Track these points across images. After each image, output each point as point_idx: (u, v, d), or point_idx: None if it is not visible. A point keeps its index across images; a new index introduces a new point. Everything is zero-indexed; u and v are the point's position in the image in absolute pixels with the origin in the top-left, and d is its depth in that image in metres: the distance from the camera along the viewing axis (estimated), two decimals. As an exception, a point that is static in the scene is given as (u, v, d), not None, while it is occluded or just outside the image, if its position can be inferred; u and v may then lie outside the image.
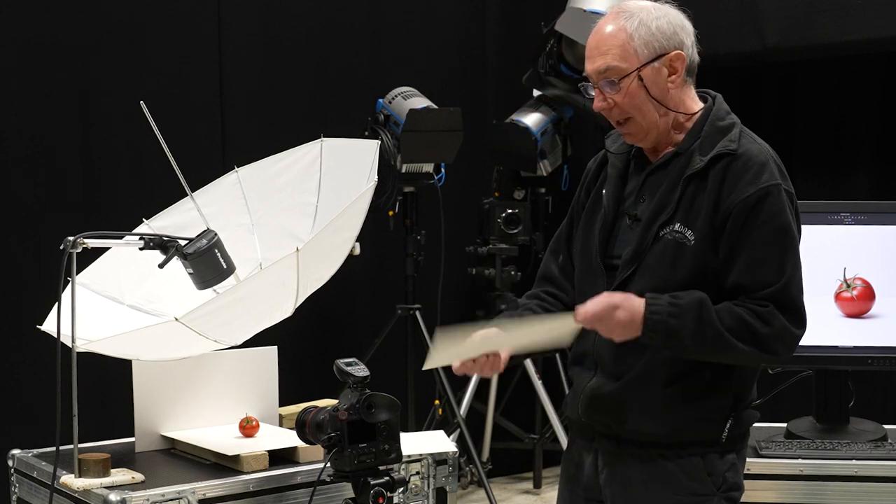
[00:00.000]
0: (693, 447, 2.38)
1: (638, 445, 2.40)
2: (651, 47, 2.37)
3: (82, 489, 2.65)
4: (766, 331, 2.31)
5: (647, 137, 2.43)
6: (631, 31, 2.36)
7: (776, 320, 2.32)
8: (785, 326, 2.32)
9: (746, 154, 2.37)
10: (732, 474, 2.42)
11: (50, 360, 2.60)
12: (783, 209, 2.35)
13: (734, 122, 2.43)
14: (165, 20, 4.57)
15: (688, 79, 2.44)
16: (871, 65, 4.92)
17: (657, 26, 2.38)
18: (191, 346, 2.89)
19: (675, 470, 2.38)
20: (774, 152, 2.43)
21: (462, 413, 4.79)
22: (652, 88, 2.37)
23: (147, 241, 2.73)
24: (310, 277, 2.89)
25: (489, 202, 5.16)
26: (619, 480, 2.43)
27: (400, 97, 4.70)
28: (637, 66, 2.36)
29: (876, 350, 3.21)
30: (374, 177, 3.04)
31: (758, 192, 2.33)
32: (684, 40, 2.42)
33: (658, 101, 2.38)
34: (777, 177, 2.36)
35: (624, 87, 2.37)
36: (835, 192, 4.89)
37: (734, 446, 2.43)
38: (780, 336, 2.33)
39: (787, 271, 2.33)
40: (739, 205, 2.32)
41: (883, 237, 3.21)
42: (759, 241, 2.33)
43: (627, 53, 2.36)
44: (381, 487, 2.59)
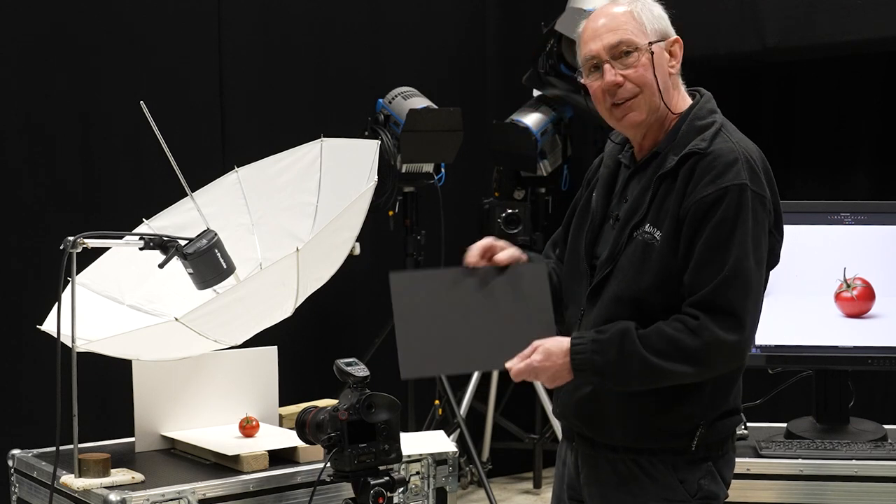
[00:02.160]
0: (664, 454, 2.37)
1: (611, 449, 2.41)
2: (655, 29, 2.39)
3: (82, 489, 2.65)
4: (695, 344, 2.26)
5: (646, 121, 2.40)
6: (639, 11, 2.39)
7: (705, 331, 2.26)
8: (715, 336, 2.25)
9: (715, 153, 2.32)
10: (708, 482, 2.38)
11: (50, 360, 2.60)
12: (742, 210, 2.28)
13: (714, 121, 2.39)
14: (165, 20, 4.57)
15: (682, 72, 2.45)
16: (871, 65, 4.92)
17: (658, 13, 2.42)
18: (191, 346, 2.89)
19: (646, 476, 2.38)
20: (755, 153, 2.37)
21: (462, 413, 4.79)
22: (658, 69, 2.38)
23: (147, 241, 2.73)
24: (310, 277, 2.89)
25: (489, 202, 5.16)
26: (596, 482, 2.45)
27: (400, 97, 4.70)
28: (649, 42, 2.37)
29: (876, 350, 3.21)
30: (374, 177, 3.04)
31: (716, 191, 2.28)
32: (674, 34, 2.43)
33: (660, 85, 2.38)
34: (743, 177, 2.29)
35: (637, 60, 2.37)
36: (835, 192, 4.89)
37: (709, 454, 2.39)
38: (711, 347, 2.26)
39: (726, 273, 2.26)
40: (696, 204, 2.29)
41: (883, 237, 3.21)
42: (708, 242, 2.28)
43: (640, 30, 2.38)
44: (381, 487, 2.59)
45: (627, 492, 2.39)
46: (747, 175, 2.30)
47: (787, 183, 5.10)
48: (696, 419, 2.36)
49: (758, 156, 2.37)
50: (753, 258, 2.28)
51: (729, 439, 2.44)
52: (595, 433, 2.43)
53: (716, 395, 2.38)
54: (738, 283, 2.27)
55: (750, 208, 2.28)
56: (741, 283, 2.27)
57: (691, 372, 2.29)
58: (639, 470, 2.38)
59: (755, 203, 2.29)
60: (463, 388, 4.99)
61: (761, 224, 2.32)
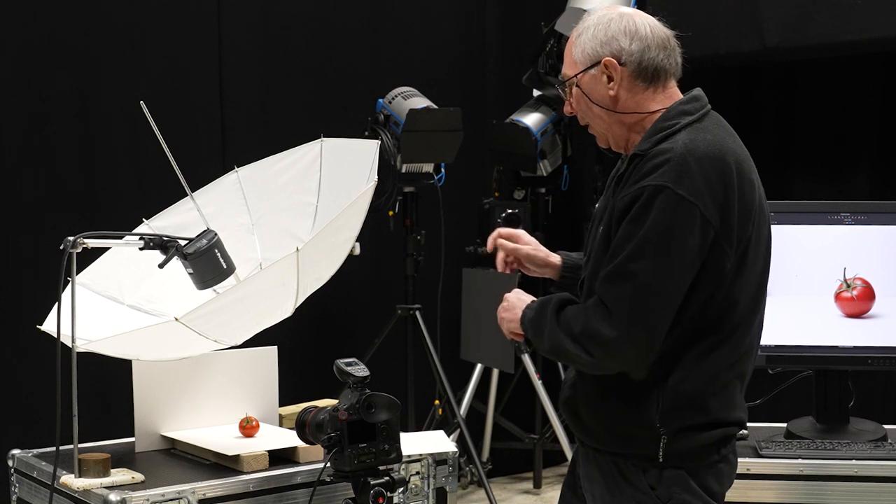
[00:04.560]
0: (635, 458, 2.38)
1: (594, 450, 2.46)
2: (586, 55, 2.39)
3: (82, 489, 2.65)
4: (578, 328, 2.29)
5: (608, 141, 2.45)
6: (575, 39, 2.42)
7: (587, 318, 2.28)
8: (591, 325, 2.27)
9: (650, 154, 2.28)
10: (680, 491, 2.34)
11: (50, 360, 2.60)
12: (648, 211, 2.23)
13: (678, 122, 2.33)
14: (165, 20, 4.57)
15: (642, 83, 2.37)
16: (871, 65, 4.92)
17: (594, 33, 2.38)
18: (191, 346, 2.89)
19: (623, 478, 2.40)
20: (712, 157, 2.27)
21: (462, 413, 4.79)
22: (592, 95, 2.39)
23: (147, 241, 2.73)
24: (310, 277, 2.89)
25: (489, 202, 5.16)
26: (588, 479, 2.50)
27: (400, 97, 4.70)
28: (575, 74, 2.40)
29: (876, 350, 3.21)
30: (374, 177, 3.04)
31: (634, 191, 2.26)
32: (624, 46, 2.35)
33: (604, 107, 2.39)
34: (669, 179, 2.22)
35: (571, 94, 2.43)
36: (835, 192, 4.89)
37: (681, 463, 2.35)
38: (587, 334, 2.28)
39: (612, 269, 2.26)
40: (618, 203, 2.29)
41: (883, 237, 3.21)
42: (616, 239, 2.28)
43: (572, 61, 2.42)
44: (381, 487, 2.59)
45: (609, 491, 2.43)
46: (672, 177, 2.23)
47: (787, 183, 5.10)
48: (656, 428, 2.33)
49: (709, 160, 2.27)
50: (650, 260, 2.23)
51: (713, 451, 2.38)
52: (577, 433, 2.49)
53: (680, 406, 2.32)
54: (621, 281, 2.25)
55: (660, 210, 2.22)
56: (623, 282, 2.25)
57: (582, 356, 2.30)
58: (617, 471, 2.41)
59: (672, 205, 2.22)
60: (463, 388, 5.00)
61: (677, 227, 2.23)
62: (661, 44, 2.38)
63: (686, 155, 2.25)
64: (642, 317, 2.25)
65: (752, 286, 2.37)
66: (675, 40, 2.41)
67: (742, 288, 2.33)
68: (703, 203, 2.23)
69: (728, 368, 2.36)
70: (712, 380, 2.34)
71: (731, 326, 2.34)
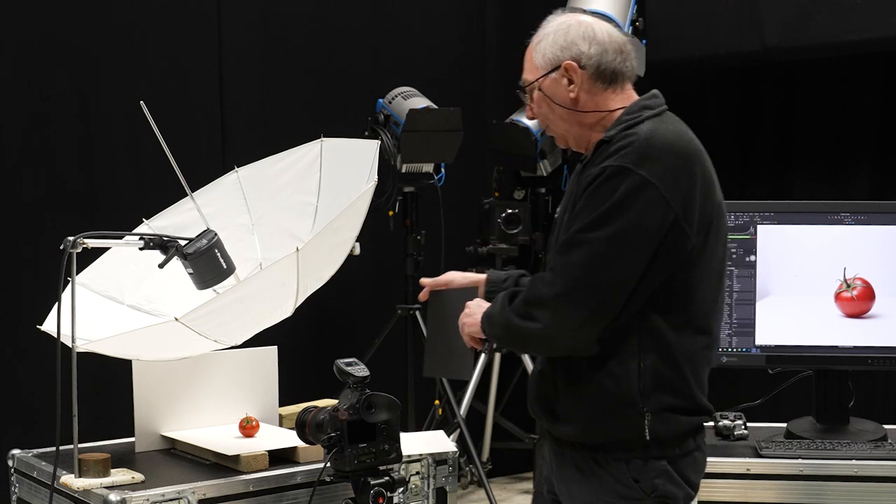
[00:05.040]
0: (616, 450, 2.40)
1: (570, 446, 2.46)
2: (546, 59, 2.48)
3: (82, 489, 2.65)
4: (524, 299, 2.38)
5: (568, 142, 2.53)
6: (535, 44, 2.52)
7: (535, 285, 2.38)
8: (537, 289, 2.35)
9: (619, 137, 2.37)
10: (663, 482, 2.39)
11: (50, 360, 2.60)
12: (604, 188, 2.31)
13: (642, 114, 2.42)
14: (165, 20, 4.57)
15: (601, 84, 2.46)
16: (871, 65, 4.92)
17: (554, 39, 2.49)
18: (191, 346, 2.89)
19: (605, 472, 2.41)
20: (672, 144, 2.36)
21: (462, 413, 4.79)
22: (554, 98, 2.48)
23: (147, 241, 2.73)
24: (310, 277, 2.89)
25: (489, 202, 5.16)
26: (563, 479, 2.51)
27: (400, 97, 4.70)
28: (537, 78, 2.49)
29: (876, 350, 3.21)
30: (374, 177, 3.04)
31: (596, 171, 2.34)
32: (584, 50, 2.45)
33: (566, 109, 2.47)
34: (630, 160, 2.31)
35: (532, 98, 2.52)
36: (835, 192, 4.89)
37: (664, 453, 2.39)
38: (533, 300, 2.35)
39: (567, 238, 2.34)
40: (583, 185, 2.37)
41: (883, 237, 3.21)
42: (574, 214, 2.36)
43: (532, 66, 2.51)
44: (381, 487, 2.59)
45: (588, 488, 2.44)
46: (634, 159, 2.31)
47: (787, 183, 5.10)
48: (639, 406, 2.36)
49: (670, 146, 2.35)
50: (604, 231, 2.30)
51: (690, 438, 2.43)
52: (553, 429, 2.49)
53: (660, 386, 2.37)
54: (573, 248, 2.33)
55: (620, 188, 2.30)
56: (574, 249, 2.32)
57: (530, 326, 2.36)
58: (596, 466, 2.42)
59: (631, 185, 2.30)
60: (463, 388, 4.99)
61: (635, 204, 2.29)
62: (617, 48, 2.47)
63: (649, 139, 2.34)
64: (588, 281, 2.31)
65: (715, 272, 2.43)
66: (631, 46, 2.51)
67: (706, 271, 2.39)
68: (663, 185, 2.30)
69: (701, 351, 2.41)
70: (688, 362, 2.38)
71: (700, 310, 2.39)
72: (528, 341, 2.44)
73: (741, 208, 3.25)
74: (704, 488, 2.97)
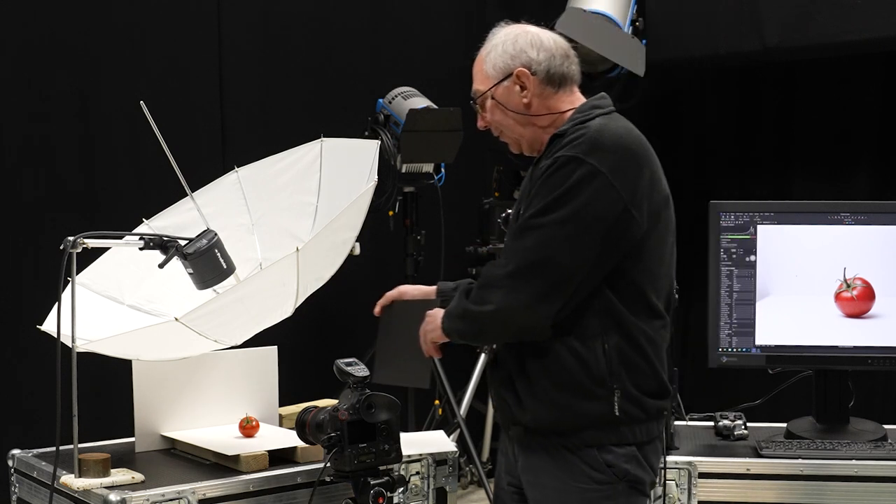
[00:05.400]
0: (589, 436, 2.48)
1: (541, 434, 2.53)
2: (498, 69, 2.61)
3: (82, 489, 2.65)
4: (478, 285, 2.51)
5: (522, 147, 2.66)
6: (484, 55, 2.65)
7: (488, 270, 2.51)
8: (491, 273, 2.48)
9: (571, 131, 2.50)
10: (633, 467, 2.50)
11: (50, 360, 2.60)
12: (554, 177, 2.44)
13: (593, 112, 2.55)
14: (165, 20, 4.56)
15: (550, 88, 2.60)
16: (871, 65, 4.92)
17: (503, 49, 2.62)
18: (191, 346, 2.89)
19: (576, 460, 2.50)
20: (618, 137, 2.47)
21: (462, 413, 4.79)
22: (507, 106, 2.61)
23: (147, 241, 2.73)
24: (310, 277, 2.89)
25: (489, 202, 5.16)
26: (530, 468, 2.58)
27: (400, 97, 4.70)
28: (489, 87, 2.61)
29: (876, 350, 3.21)
30: (374, 177, 3.04)
31: (549, 161, 2.47)
32: (533, 57, 2.60)
33: (519, 114, 2.60)
34: (580, 151, 2.43)
35: (485, 107, 2.64)
36: (835, 192, 4.89)
37: (634, 437, 2.50)
38: (487, 283, 2.48)
39: (520, 223, 2.47)
40: (537, 176, 2.49)
41: (883, 237, 3.21)
42: (526, 203, 2.48)
43: (484, 76, 2.64)
44: (381, 487, 2.59)
45: (558, 475, 2.51)
46: (584, 149, 2.43)
47: (787, 183, 5.10)
48: (608, 384, 2.46)
49: (619, 139, 2.47)
50: (554, 216, 2.42)
51: (654, 423, 2.55)
52: (521, 415, 2.55)
53: (623, 362, 2.47)
54: (525, 232, 2.46)
55: (570, 176, 2.42)
56: (526, 234, 2.45)
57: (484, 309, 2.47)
58: (567, 452, 2.50)
59: (581, 174, 2.41)
60: (463, 388, 4.99)
61: (584, 192, 2.41)
62: (563, 53, 2.63)
63: (599, 132, 2.47)
64: (539, 263, 2.43)
65: (665, 260, 2.55)
66: (574, 52, 2.65)
67: (656, 259, 2.51)
68: (612, 173, 2.42)
69: (658, 332, 2.53)
70: (649, 342, 2.50)
71: (654, 294, 2.51)
72: (485, 325, 2.51)
73: (741, 208, 3.25)
74: (704, 488, 2.98)
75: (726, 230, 3.25)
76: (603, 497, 2.49)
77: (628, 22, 4.78)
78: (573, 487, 2.49)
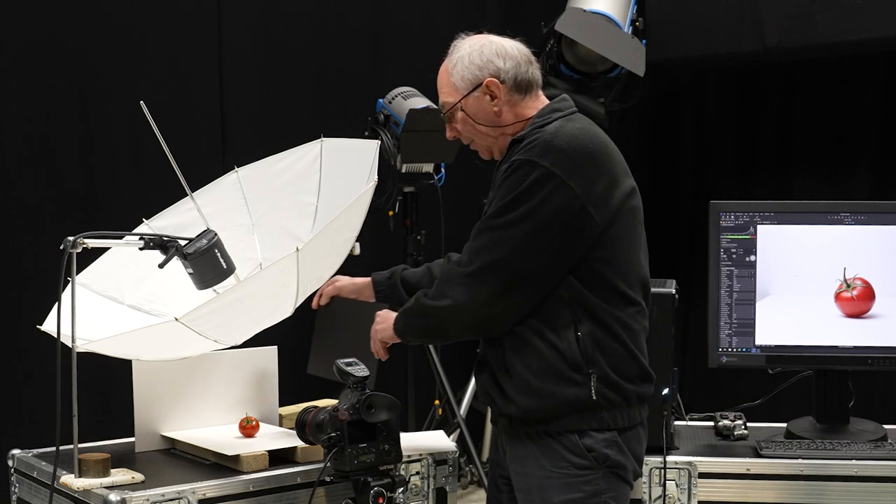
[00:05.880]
0: (570, 421, 2.55)
1: (525, 423, 2.60)
2: (467, 80, 2.67)
3: (82, 489, 2.65)
4: (441, 277, 2.61)
5: (493, 153, 2.73)
6: (451, 68, 2.69)
7: (447, 268, 2.62)
8: (451, 271, 2.58)
9: (528, 136, 2.59)
10: (614, 452, 2.57)
11: (50, 360, 2.60)
12: (509, 179, 2.54)
13: (552, 116, 2.63)
14: (165, 20, 4.56)
15: (518, 95, 2.67)
16: (871, 65, 4.92)
17: (470, 60, 2.66)
18: (191, 346, 2.89)
19: (557, 446, 2.57)
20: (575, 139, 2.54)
21: (462, 413, 4.79)
22: (478, 115, 2.67)
23: (147, 241, 2.73)
24: (310, 277, 2.89)
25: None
26: (517, 458, 2.64)
27: (400, 97, 4.70)
28: (459, 99, 2.68)
29: (876, 350, 3.21)
30: (374, 177, 3.04)
31: (507, 166, 2.58)
32: (500, 66, 2.65)
33: (489, 125, 2.68)
34: (534, 154, 2.52)
35: (455, 118, 2.70)
36: (835, 192, 4.89)
37: (614, 423, 2.57)
38: (446, 279, 2.58)
39: (480, 225, 2.57)
40: (497, 178, 2.61)
41: (883, 237, 3.21)
42: (489, 205, 2.58)
43: (452, 88, 2.69)
44: (381, 487, 2.59)
45: (541, 463, 2.58)
46: (538, 152, 2.52)
47: (787, 183, 5.10)
48: (584, 369, 2.53)
49: (572, 139, 2.54)
50: (511, 216, 2.52)
51: (636, 410, 2.61)
52: (506, 408, 2.61)
53: (599, 347, 2.54)
54: (484, 233, 2.56)
55: (525, 178, 2.52)
56: (485, 234, 2.56)
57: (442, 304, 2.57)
58: (549, 438, 2.58)
59: (537, 176, 2.51)
60: (463, 388, 4.99)
61: (539, 192, 2.50)
62: (527, 59, 2.70)
63: (554, 135, 2.55)
64: (497, 261, 2.52)
65: (635, 248, 2.62)
66: (535, 57, 2.73)
67: (624, 249, 2.59)
68: (565, 174, 2.50)
69: (632, 318, 2.60)
70: (624, 328, 2.58)
71: (625, 282, 2.58)
72: (443, 319, 2.59)
73: (741, 208, 3.25)
74: (704, 488, 2.98)
75: (726, 230, 3.25)
76: (583, 482, 2.55)
77: (628, 22, 4.78)
78: (554, 473, 2.56)
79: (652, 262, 2.73)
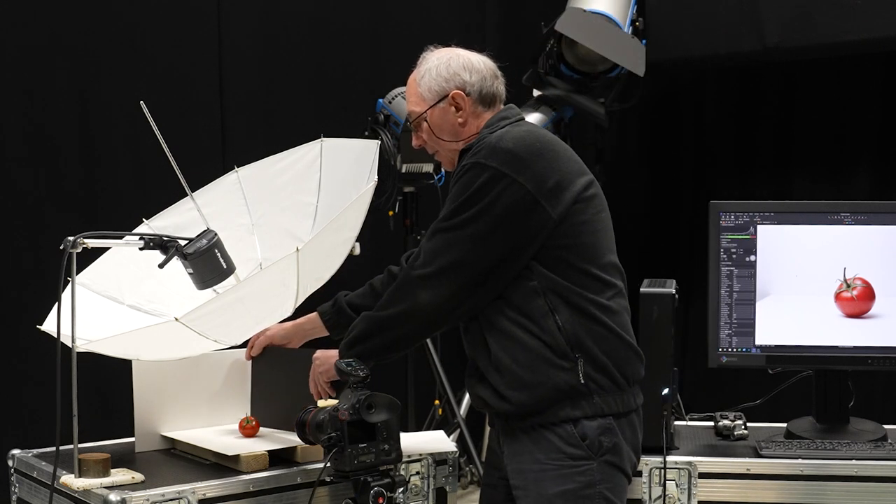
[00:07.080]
0: (562, 410, 2.57)
1: (519, 418, 2.61)
2: (433, 92, 2.76)
3: (82, 489, 2.65)
4: (396, 283, 2.65)
5: (455, 163, 2.79)
6: (419, 79, 2.80)
7: (402, 272, 2.66)
8: (407, 274, 2.62)
9: (477, 141, 2.67)
10: (608, 439, 2.59)
11: (50, 360, 2.60)
12: (459, 182, 2.62)
13: (500, 124, 2.70)
14: (165, 20, 4.56)
15: (483, 108, 2.75)
16: (871, 65, 4.92)
17: (437, 72, 2.76)
18: (191, 346, 2.89)
19: (552, 436, 2.58)
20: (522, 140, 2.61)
21: (462, 413, 4.79)
22: (442, 126, 2.76)
23: (147, 241, 2.73)
24: (310, 277, 2.89)
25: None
26: (514, 455, 2.64)
27: (400, 97, 4.70)
28: (425, 109, 2.77)
29: (876, 350, 3.21)
30: (374, 177, 3.05)
31: (457, 170, 2.66)
32: (466, 79, 2.74)
33: (451, 137, 2.76)
34: (482, 156, 2.60)
35: (421, 128, 2.79)
36: (835, 192, 4.89)
37: (608, 408, 2.59)
38: (404, 282, 2.62)
39: (433, 227, 2.63)
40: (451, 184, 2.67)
41: (883, 237, 3.21)
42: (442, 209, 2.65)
43: (419, 99, 2.80)
44: (381, 487, 2.59)
45: (536, 457, 2.59)
46: (485, 154, 2.60)
47: (787, 183, 5.10)
48: (570, 352, 2.56)
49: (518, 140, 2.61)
50: (463, 217, 2.59)
51: (630, 397, 2.64)
52: (500, 406, 2.62)
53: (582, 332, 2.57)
54: (437, 234, 2.63)
55: (474, 180, 2.59)
56: (439, 235, 2.63)
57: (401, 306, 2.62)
58: (543, 429, 2.59)
59: (486, 177, 2.58)
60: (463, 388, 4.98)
61: (489, 191, 2.57)
62: (492, 73, 2.78)
63: (500, 139, 2.63)
64: (451, 261, 2.58)
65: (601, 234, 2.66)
66: (500, 71, 2.80)
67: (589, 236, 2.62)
68: (514, 171, 2.56)
69: (611, 299, 2.63)
70: (603, 309, 2.60)
71: (596, 266, 2.62)
72: (404, 325, 2.64)
73: (741, 208, 3.25)
74: (704, 488, 2.98)
75: (726, 230, 3.25)
76: (577, 473, 2.56)
77: (628, 22, 4.78)
78: (548, 465, 2.57)
79: (652, 262, 2.74)
